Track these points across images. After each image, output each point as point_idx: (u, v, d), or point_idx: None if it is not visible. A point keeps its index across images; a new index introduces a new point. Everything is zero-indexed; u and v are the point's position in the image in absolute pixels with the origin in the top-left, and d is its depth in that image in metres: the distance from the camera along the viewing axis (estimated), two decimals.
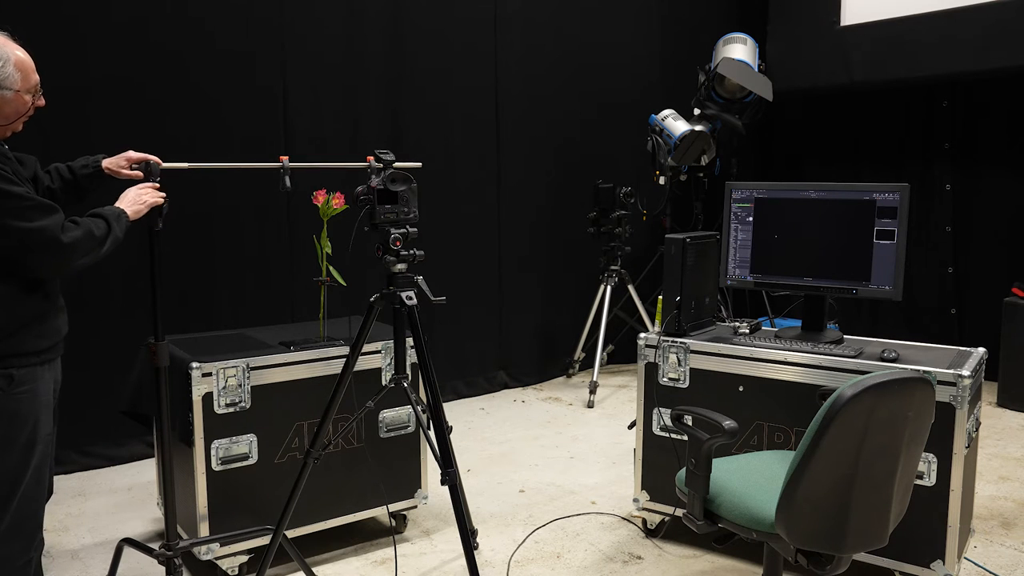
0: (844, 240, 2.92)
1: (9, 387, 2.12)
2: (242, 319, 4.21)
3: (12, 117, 2.13)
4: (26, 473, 2.16)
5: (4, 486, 2.13)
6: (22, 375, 2.13)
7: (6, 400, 2.11)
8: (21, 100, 2.13)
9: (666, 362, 3.05)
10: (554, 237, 5.66)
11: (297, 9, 4.48)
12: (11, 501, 2.14)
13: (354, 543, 3.16)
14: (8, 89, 2.09)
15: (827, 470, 1.95)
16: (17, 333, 2.13)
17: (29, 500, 2.18)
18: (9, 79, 2.08)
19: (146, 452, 4.08)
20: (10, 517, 2.14)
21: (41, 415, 2.19)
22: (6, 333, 2.10)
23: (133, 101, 4.00)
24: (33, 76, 2.15)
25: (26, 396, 2.15)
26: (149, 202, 2.35)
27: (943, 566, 2.59)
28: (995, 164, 5.47)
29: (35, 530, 2.23)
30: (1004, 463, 3.99)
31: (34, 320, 2.17)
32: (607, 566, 2.98)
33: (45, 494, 2.28)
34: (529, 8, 5.39)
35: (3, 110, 2.11)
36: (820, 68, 5.72)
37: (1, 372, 2.10)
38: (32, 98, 2.17)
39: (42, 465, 2.21)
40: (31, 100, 2.17)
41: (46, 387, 2.21)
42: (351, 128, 4.72)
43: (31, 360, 2.15)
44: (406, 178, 2.54)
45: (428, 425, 2.72)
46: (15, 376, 2.12)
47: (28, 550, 2.21)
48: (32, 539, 2.21)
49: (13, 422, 2.13)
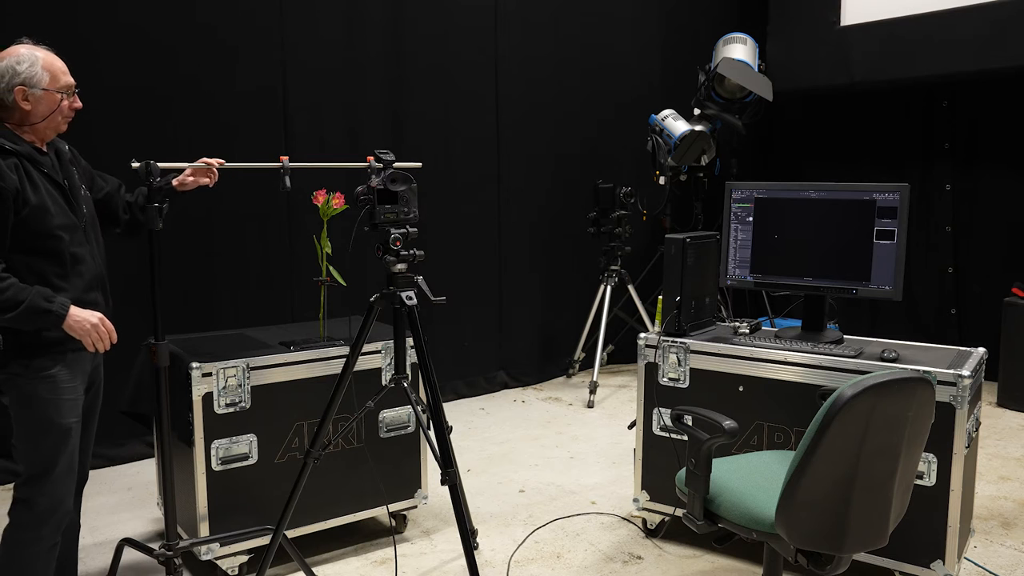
0: (844, 240, 2.91)
1: (27, 372, 2.24)
2: (242, 319, 4.21)
3: (46, 115, 2.27)
4: (57, 460, 2.28)
5: (37, 469, 2.27)
6: (40, 365, 2.25)
7: (28, 388, 2.24)
8: (52, 98, 2.27)
9: (666, 362, 3.05)
10: (554, 237, 5.66)
11: (297, 9, 4.48)
12: (45, 485, 2.27)
13: (354, 543, 3.16)
14: (37, 88, 2.24)
15: (827, 470, 1.95)
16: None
17: (60, 486, 2.30)
18: (36, 78, 2.24)
19: (146, 452, 4.08)
20: (45, 500, 2.28)
21: (63, 405, 2.29)
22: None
23: (133, 101, 4.00)
24: (64, 77, 2.30)
25: (47, 386, 2.26)
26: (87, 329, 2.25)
27: (943, 566, 2.59)
28: (995, 164, 5.47)
29: (65, 514, 2.34)
30: (1004, 463, 3.99)
31: None
32: (607, 566, 2.98)
33: (75, 481, 2.39)
34: (529, 8, 5.38)
35: (36, 108, 2.26)
36: (820, 68, 5.72)
37: (19, 362, 2.24)
38: (65, 98, 2.30)
39: (72, 452, 2.32)
40: (63, 98, 2.29)
41: (68, 378, 2.30)
42: (351, 128, 4.72)
43: (48, 351, 2.26)
44: (406, 178, 2.54)
45: (428, 425, 2.72)
46: (32, 364, 2.24)
47: (57, 533, 2.33)
48: (61, 523, 2.34)
49: (36, 410, 2.26)
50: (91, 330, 2.25)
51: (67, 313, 2.21)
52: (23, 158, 2.22)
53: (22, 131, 2.26)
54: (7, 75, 2.21)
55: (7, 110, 2.24)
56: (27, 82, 2.22)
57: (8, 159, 2.18)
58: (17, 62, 2.22)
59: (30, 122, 2.26)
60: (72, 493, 2.37)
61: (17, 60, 2.23)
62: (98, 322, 2.27)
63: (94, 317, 2.26)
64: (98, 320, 2.27)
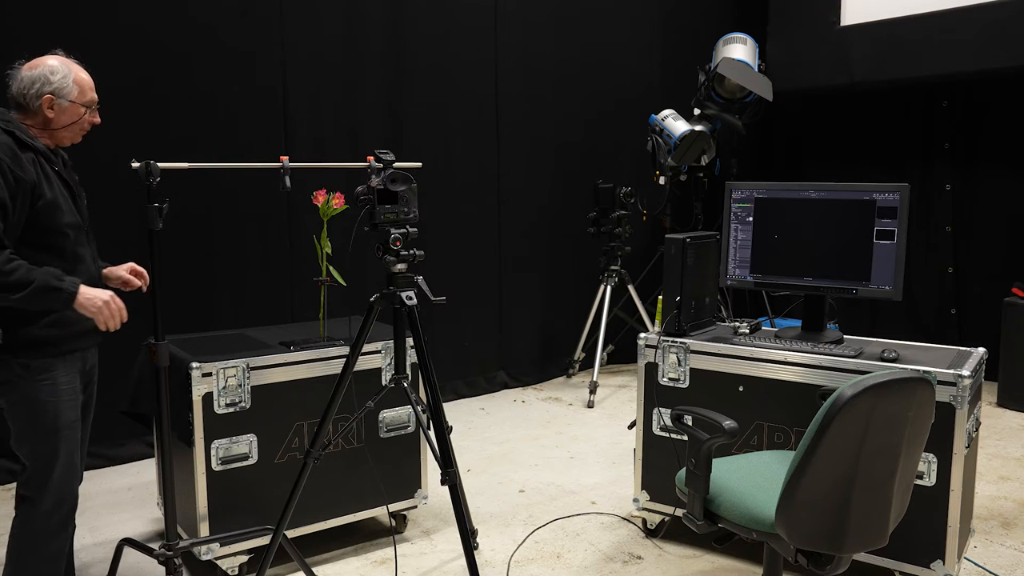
0: (844, 240, 2.91)
1: (27, 375, 2.26)
2: (242, 319, 4.21)
3: (65, 124, 2.34)
4: (58, 457, 2.32)
5: (41, 467, 2.31)
6: (39, 365, 2.27)
7: (26, 387, 2.26)
8: (76, 111, 2.35)
9: (666, 362, 3.05)
10: (554, 237, 5.66)
11: (297, 9, 4.48)
12: (49, 482, 2.31)
13: (354, 543, 3.16)
14: (64, 99, 2.32)
15: (827, 470, 1.95)
16: (30, 324, 2.25)
17: (65, 481, 2.35)
18: (67, 89, 2.32)
19: (146, 452, 4.08)
20: (51, 496, 2.32)
21: (62, 404, 2.32)
22: (20, 324, 2.24)
23: (134, 101, 4.00)
24: (90, 93, 2.38)
25: (45, 385, 2.28)
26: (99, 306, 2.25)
27: (943, 566, 2.59)
28: (995, 164, 5.47)
29: (72, 507, 2.39)
30: (1004, 463, 3.99)
31: (47, 311, 2.26)
32: (607, 566, 2.98)
33: (78, 478, 2.42)
34: (529, 8, 5.38)
35: (59, 117, 2.33)
36: (820, 68, 5.72)
37: (18, 362, 2.25)
38: (87, 112, 2.38)
39: (72, 449, 2.36)
40: (85, 113, 2.37)
41: (68, 378, 2.33)
42: (351, 128, 4.72)
43: (48, 351, 2.28)
44: (406, 178, 2.54)
45: (428, 425, 2.72)
46: (32, 365, 2.26)
47: (65, 527, 2.39)
48: (70, 516, 2.39)
49: (35, 409, 2.28)
50: (103, 307, 2.25)
51: (77, 291, 2.21)
52: (39, 154, 2.28)
53: (39, 134, 2.33)
54: (39, 82, 2.29)
55: (31, 114, 2.31)
56: (57, 92, 2.30)
57: (27, 153, 2.23)
58: (52, 72, 2.30)
59: (50, 128, 2.34)
60: (77, 485, 2.41)
61: (51, 70, 2.31)
62: (109, 299, 2.26)
63: (105, 295, 2.26)
64: (109, 297, 2.26)
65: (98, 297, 2.24)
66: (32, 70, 2.30)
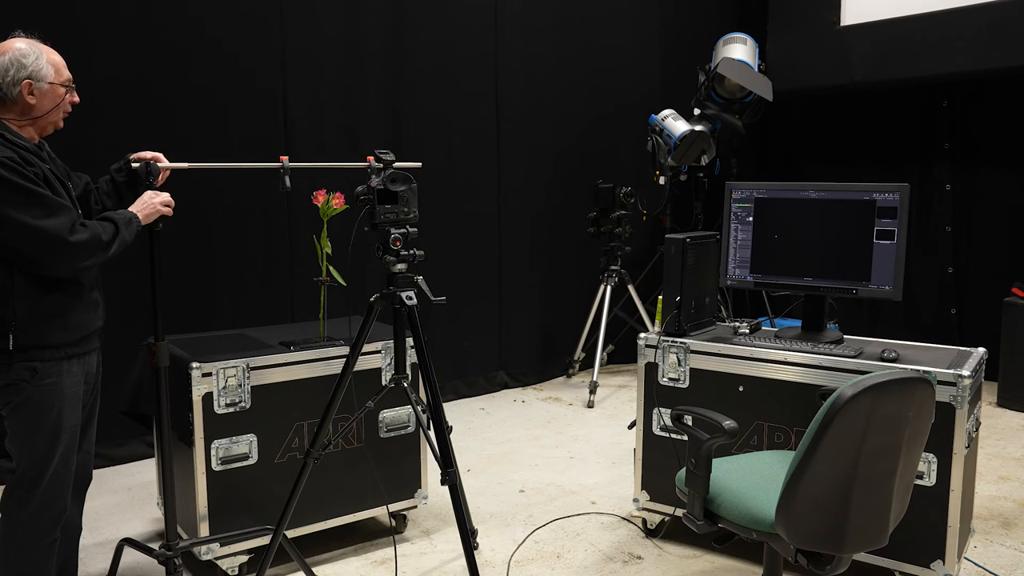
0: (844, 240, 2.91)
1: (33, 378, 2.22)
2: (242, 319, 4.21)
3: (48, 108, 2.27)
4: (52, 460, 2.29)
5: (33, 471, 2.27)
6: (46, 368, 2.24)
7: (31, 391, 2.22)
8: (56, 92, 2.28)
9: (666, 362, 3.05)
10: (554, 237, 5.66)
11: (297, 9, 4.48)
12: (39, 485, 2.27)
13: (354, 543, 3.16)
14: (43, 81, 2.24)
15: (827, 470, 1.95)
16: (39, 326, 2.21)
17: (56, 486, 2.31)
18: (43, 71, 2.24)
19: (146, 452, 4.08)
20: (39, 499, 2.28)
21: (65, 407, 2.29)
22: (28, 326, 2.19)
23: (134, 101, 4.00)
24: (65, 72, 2.31)
25: (50, 388, 2.25)
26: (159, 207, 2.40)
27: (943, 566, 2.59)
28: (995, 164, 5.47)
29: (61, 512, 2.34)
30: (1004, 463, 3.99)
31: (56, 314, 2.24)
32: (607, 566, 2.98)
33: (72, 480, 2.38)
34: (529, 8, 5.38)
35: (41, 102, 2.25)
36: (820, 68, 5.72)
37: (25, 364, 2.21)
38: (66, 91, 2.31)
39: (69, 453, 2.33)
40: (66, 93, 2.31)
41: (73, 380, 2.31)
42: (351, 128, 4.72)
43: (55, 354, 2.25)
44: (406, 178, 2.54)
45: (428, 425, 2.72)
46: (39, 369, 2.23)
47: (53, 531, 2.33)
48: (58, 522, 2.34)
49: (38, 412, 2.24)
50: (159, 206, 2.40)
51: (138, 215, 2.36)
52: (29, 153, 2.20)
53: (21, 126, 2.24)
54: (12, 68, 2.19)
55: (9, 104, 2.21)
56: (34, 76, 2.21)
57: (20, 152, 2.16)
58: (23, 55, 2.20)
59: (32, 116, 2.24)
60: (69, 490, 2.36)
61: (22, 54, 2.20)
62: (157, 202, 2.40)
63: (155, 198, 2.40)
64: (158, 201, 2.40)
65: (150, 204, 2.38)
66: (1, 56, 2.19)
